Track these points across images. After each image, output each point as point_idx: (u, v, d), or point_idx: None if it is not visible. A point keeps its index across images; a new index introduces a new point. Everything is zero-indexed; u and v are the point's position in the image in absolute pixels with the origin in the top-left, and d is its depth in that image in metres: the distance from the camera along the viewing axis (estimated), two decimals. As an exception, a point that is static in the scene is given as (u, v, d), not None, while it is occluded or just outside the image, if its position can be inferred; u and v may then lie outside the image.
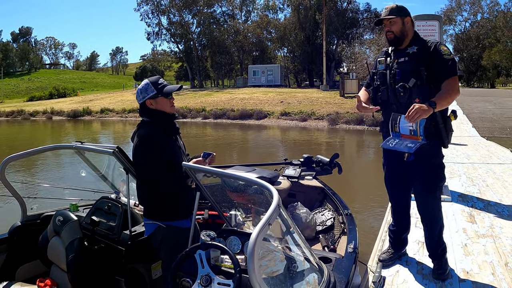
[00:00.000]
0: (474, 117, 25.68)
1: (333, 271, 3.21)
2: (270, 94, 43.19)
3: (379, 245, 5.33)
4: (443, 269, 4.45)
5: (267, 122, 33.35)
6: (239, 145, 23.10)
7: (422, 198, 4.38)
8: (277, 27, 72.09)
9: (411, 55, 4.12)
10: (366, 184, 13.16)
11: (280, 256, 2.90)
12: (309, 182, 5.41)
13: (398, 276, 4.55)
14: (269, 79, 58.88)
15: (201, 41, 74.90)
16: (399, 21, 4.17)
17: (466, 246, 5.33)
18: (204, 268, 2.80)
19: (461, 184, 8.80)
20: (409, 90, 4.02)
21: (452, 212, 6.76)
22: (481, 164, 11.24)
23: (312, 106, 35.48)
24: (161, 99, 3.59)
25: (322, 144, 23.15)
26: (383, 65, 4.32)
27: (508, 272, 4.58)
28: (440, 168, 4.33)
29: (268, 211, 2.27)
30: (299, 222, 4.57)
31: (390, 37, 4.23)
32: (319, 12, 61.35)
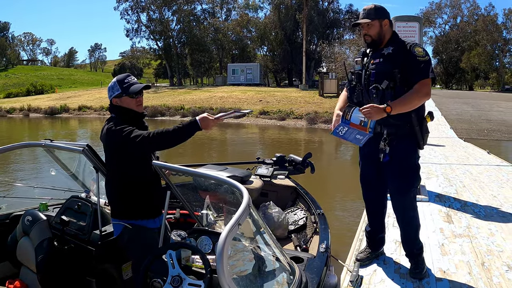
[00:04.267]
0: (452, 118, 25.94)
1: (305, 271, 3.21)
2: (249, 92, 43.16)
3: (356, 245, 5.35)
4: (420, 268, 4.47)
5: (245, 121, 33.21)
6: (216, 143, 23.02)
7: (397, 198, 4.37)
8: (257, 26, 72.07)
9: (386, 56, 4.09)
10: (344, 184, 13.21)
11: (250, 256, 2.90)
12: (281, 181, 5.42)
13: (376, 275, 4.56)
14: (249, 77, 58.79)
15: (181, 38, 74.57)
16: (377, 24, 4.12)
17: (443, 246, 5.37)
18: (174, 269, 2.79)
19: (438, 185, 8.89)
20: (382, 92, 3.99)
21: (430, 212, 6.82)
22: (458, 165, 11.35)
23: (291, 105, 35.50)
24: (125, 98, 3.56)
25: (301, 143, 23.18)
26: (359, 65, 4.29)
27: (484, 271, 4.62)
28: (415, 169, 4.34)
29: (238, 211, 2.27)
30: (271, 221, 4.58)
31: (367, 40, 4.20)
32: (299, 11, 61.33)
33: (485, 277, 4.48)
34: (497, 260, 4.90)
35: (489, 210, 6.95)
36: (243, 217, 2.25)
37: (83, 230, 3.94)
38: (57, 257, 3.76)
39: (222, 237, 2.06)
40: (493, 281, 4.37)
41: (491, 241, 5.50)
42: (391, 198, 4.42)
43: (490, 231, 5.89)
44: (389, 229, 5.42)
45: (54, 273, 3.67)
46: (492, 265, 4.78)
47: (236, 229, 2.16)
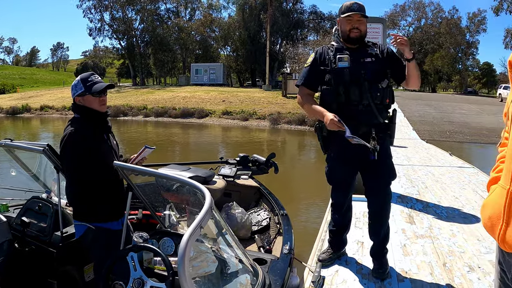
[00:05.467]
0: (414, 120, 26.36)
1: (268, 273, 3.21)
2: (212, 93, 43.06)
3: (318, 245, 5.36)
4: (383, 268, 4.49)
5: (208, 121, 33.21)
6: (179, 143, 22.93)
7: (379, 196, 4.37)
8: (221, 26, 71.98)
9: (376, 56, 4.07)
10: (306, 184, 13.30)
11: (213, 258, 2.89)
12: (245, 182, 5.41)
13: (338, 275, 4.57)
14: (212, 78, 58.71)
15: (144, 38, 73.84)
16: (366, 22, 4.11)
17: (405, 247, 5.44)
18: (136, 271, 2.76)
19: (400, 186, 8.99)
20: (383, 91, 3.99)
21: (392, 213, 6.77)
22: (420, 166, 11.53)
23: (254, 106, 35.58)
24: (88, 97, 3.48)
25: (263, 144, 23.25)
26: (346, 62, 4.04)
27: (446, 272, 4.70)
28: (393, 165, 4.40)
29: (200, 213, 2.25)
30: (234, 222, 4.57)
31: (355, 35, 4.06)
32: (264, 11, 61.46)
33: (447, 278, 4.55)
34: (459, 261, 4.98)
35: (451, 211, 7.08)
36: (205, 220, 2.23)
37: (44, 232, 3.87)
38: (17, 259, 3.70)
39: (184, 240, 2.05)
40: (454, 282, 4.44)
41: (453, 242, 5.60)
42: (372, 196, 4.40)
43: (451, 232, 5.99)
44: (351, 230, 5.46)
45: (15, 276, 3.62)
46: (454, 265, 4.86)
47: (198, 232, 2.14)
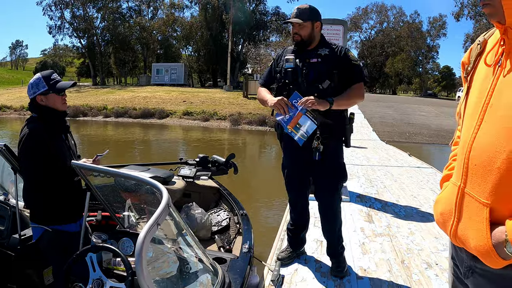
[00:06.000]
0: (375, 121, 26.73)
1: (228, 272, 3.22)
2: (173, 93, 42.83)
3: (278, 244, 5.41)
4: (341, 267, 4.57)
5: (169, 122, 33.03)
6: (140, 144, 22.73)
7: (326, 196, 4.44)
8: (183, 26, 71.63)
9: (324, 57, 4.14)
10: (267, 184, 13.35)
11: (174, 258, 2.88)
12: (204, 182, 5.40)
13: (297, 274, 4.61)
14: (173, 78, 58.36)
15: (105, 36, 72.82)
16: (309, 25, 4.14)
17: (363, 245, 5.53)
18: (95, 272, 2.73)
19: (360, 185, 9.16)
20: (323, 91, 4.04)
21: (350, 212, 7.01)
22: (380, 167, 11.75)
23: (214, 106, 35.52)
24: (52, 96, 3.43)
25: (224, 144, 23.23)
26: (291, 63, 4.23)
27: (404, 269, 4.80)
28: (343, 167, 4.46)
29: (157, 211, 2.22)
30: (194, 222, 4.56)
31: (297, 39, 4.19)
32: (226, 12, 61.39)
33: (405, 275, 4.65)
34: (417, 258, 5.09)
35: (409, 210, 7.24)
36: (162, 217, 2.22)
37: (2, 235, 3.77)
38: None
39: (140, 238, 2.02)
40: (412, 279, 4.54)
41: (411, 240, 5.72)
42: (320, 196, 4.48)
43: (410, 230, 6.12)
44: (310, 229, 5.52)
45: None
46: (412, 263, 4.97)
47: (155, 229, 2.12)
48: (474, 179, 1.65)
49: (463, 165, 1.71)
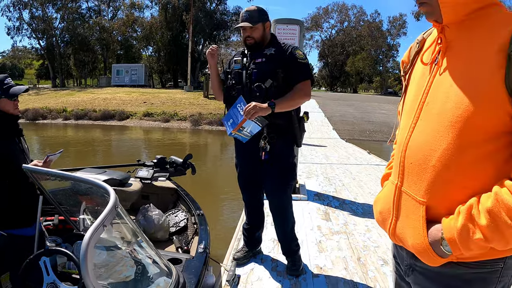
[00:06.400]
0: (335, 120, 26.94)
1: (183, 272, 3.22)
2: (134, 94, 42.43)
3: (235, 244, 5.40)
4: (297, 265, 4.58)
5: (129, 123, 32.71)
6: (99, 147, 22.45)
7: (275, 196, 4.46)
8: (144, 26, 70.98)
9: (269, 56, 4.14)
10: (227, 184, 13.34)
11: (129, 261, 2.87)
12: (162, 183, 5.38)
13: (253, 274, 4.61)
14: (133, 79, 57.73)
15: (64, 37, 71.43)
16: (261, 27, 4.16)
17: (320, 243, 5.55)
18: (49, 276, 2.69)
19: (318, 184, 9.21)
20: (265, 90, 4.04)
21: (308, 211, 7.04)
22: (339, 165, 11.88)
23: (175, 107, 35.37)
24: (4, 101, 3.38)
25: (185, 145, 23.14)
26: (239, 64, 4.28)
27: (360, 266, 4.84)
28: (293, 167, 4.46)
29: (103, 212, 2.20)
30: (151, 224, 4.53)
31: (250, 42, 4.20)
32: (187, 12, 61.10)
33: (361, 272, 4.69)
34: (373, 255, 5.15)
35: (366, 207, 7.32)
36: (109, 218, 2.19)
37: None
38: None
39: (85, 239, 1.99)
40: (368, 275, 4.58)
41: (367, 237, 5.78)
42: (269, 196, 4.49)
43: (366, 227, 6.19)
44: (267, 228, 5.53)
45: None
46: (368, 259, 5.02)
47: (101, 230, 2.10)
48: (410, 178, 1.68)
49: (400, 164, 1.74)
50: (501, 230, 1.37)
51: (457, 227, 1.47)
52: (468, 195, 1.51)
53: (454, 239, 1.48)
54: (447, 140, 1.52)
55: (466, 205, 1.49)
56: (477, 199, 1.47)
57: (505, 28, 1.45)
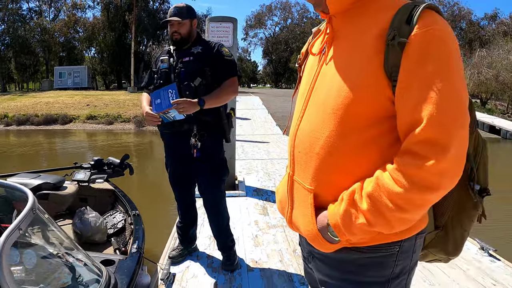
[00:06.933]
0: (278, 116, 27.01)
1: (116, 273, 3.22)
2: (76, 97, 41.54)
3: (171, 243, 5.40)
4: (231, 260, 4.65)
5: (73, 127, 31.95)
6: (41, 152, 21.97)
7: (209, 193, 4.50)
8: (86, 26, 69.63)
9: (196, 55, 4.19)
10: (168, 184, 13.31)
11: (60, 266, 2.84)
12: (100, 185, 5.36)
13: (188, 271, 4.64)
14: (76, 81, 56.52)
15: (4, 40, 69.02)
16: (188, 23, 4.20)
17: (256, 237, 5.63)
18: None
19: (257, 179, 9.30)
20: (195, 89, 4.08)
21: (246, 206, 7.11)
22: (279, 160, 11.96)
23: (118, 109, 34.83)
24: None
25: (130, 147, 22.92)
26: (165, 64, 4.29)
27: (295, 258, 4.94)
28: (224, 163, 4.50)
29: (20, 215, 2.19)
30: (88, 226, 4.50)
31: (176, 38, 4.21)
32: (129, 12, 60.32)
33: (296, 263, 4.79)
34: (308, 247, 5.25)
35: (304, 200, 7.40)
36: (25, 222, 2.17)
37: None
38: None
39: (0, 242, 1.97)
40: (303, 267, 4.67)
41: (304, 229, 5.87)
42: (203, 193, 4.53)
43: (304, 219, 6.27)
44: (204, 226, 5.58)
45: None
46: (303, 251, 5.12)
47: (16, 234, 2.07)
48: (299, 166, 1.70)
49: (290, 153, 1.77)
50: (383, 213, 1.40)
51: (339, 213, 1.50)
52: (353, 181, 1.53)
53: (338, 225, 1.51)
54: (329, 128, 1.54)
55: (349, 191, 1.52)
56: (360, 184, 1.50)
57: (386, 14, 1.47)
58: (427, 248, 1.88)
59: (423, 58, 1.37)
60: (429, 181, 1.33)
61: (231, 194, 7.62)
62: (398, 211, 1.38)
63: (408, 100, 1.39)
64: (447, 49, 1.39)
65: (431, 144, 1.33)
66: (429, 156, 1.32)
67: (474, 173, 1.73)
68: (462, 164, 1.39)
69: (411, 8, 1.43)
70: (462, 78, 1.42)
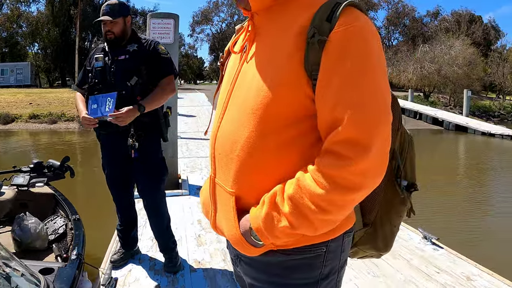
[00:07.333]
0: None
1: (55, 281, 3.16)
2: (19, 95, 40.30)
3: (113, 247, 5.31)
4: (174, 262, 4.62)
5: (14, 127, 30.98)
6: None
7: (148, 194, 4.45)
8: (29, 21, 67.78)
9: (132, 53, 4.14)
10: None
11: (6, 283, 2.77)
12: (40, 190, 5.24)
13: (131, 275, 4.59)
14: (19, 78, 54.97)
15: None
16: (121, 21, 4.14)
17: (199, 237, 5.63)
18: None
19: (201, 177, 9.31)
20: (131, 88, 4.04)
21: (189, 205, 7.10)
22: (224, 156, 11.96)
23: (62, 107, 34.00)
24: None
25: (74, 147, 22.55)
26: (100, 62, 4.20)
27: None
28: (162, 162, 4.48)
29: None
30: (28, 233, 4.39)
31: (110, 37, 4.16)
32: (74, 6, 59.12)
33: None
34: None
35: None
36: None
37: None
38: None
39: None
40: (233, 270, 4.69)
41: (248, 226, 5.90)
42: (142, 195, 4.48)
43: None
44: (146, 227, 5.53)
45: None
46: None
47: None
48: (220, 169, 1.67)
49: (211, 155, 1.73)
50: (306, 216, 1.38)
51: (261, 216, 1.46)
52: (274, 182, 1.50)
53: (260, 229, 1.47)
54: (249, 128, 1.51)
55: (270, 193, 1.48)
56: (282, 186, 1.46)
57: (308, 11, 1.45)
58: (357, 245, 1.88)
59: (343, 56, 1.36)
60: (351, 181, 1.32)
61: (174, 193, 7.61)
62: (321, 213, 1.36)
63: (328, 98, 1.37)
64: (367, 46, 1.38)
65: (352, 144, 1.31)
66: (350, 156, 1.31)
67: (400, 170, 1.75)
68: (384, 163, 1.39)
69: (333, 5, 1.41)
70: (384, 75, 1.42)
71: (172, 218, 4.80)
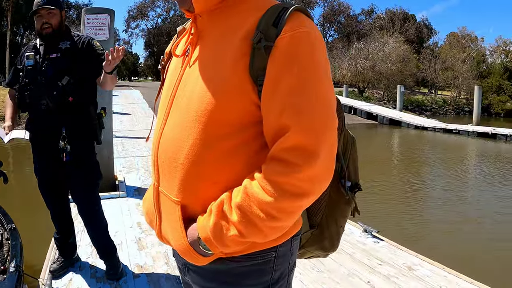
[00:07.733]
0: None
1: None
2: None
3: (51, 256, 5.07)
4: (115, 268, 4.47)
5: None
6: None
7: (81, 199, 4.28)
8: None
9: (64, 51, 3.95)
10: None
11: None
12: None
13: (72, 284, 4.42)
14: None
15: None
16: (59, 13, 3.95)
17: (140, 240, 5.51)
18: None
19: (138, 178, 9.16)
20: (62, 88, 3.85)
21: (127, 207, 6.93)
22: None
23: (-11, 108, 33.00)
24: None
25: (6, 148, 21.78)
26: (31, 60, 3.96)
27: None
28: (97, 165, 4.33)
29: None
30: (-42, 247, 4.23)
31: (47, 31, 3.92)
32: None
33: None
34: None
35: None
36: None
37: None
38: None
39: None
40: (180, 278, 4.64)
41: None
42: (76, 200, 4.31)
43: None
44: (84, 232, 5.38)
45: None
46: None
47: None
48: (164, 177, 1.62)
49: (154, 162, 1.68)
50: (255, 224, 1.35)
51: (209, 226, 1.42)
52: (221, 190, 1.47)
53: (209, 238, 1.43)
54: (193, 136, 1.47)
55: (217, 202, 1.45)
56: (229, 194, 1.43)
57: (254, 15, 1.43)
58: (304, 247, 1.89)
59: (289, 62, 1.35)
60: (299, 188, 1.31)
61: (111, 196, 7.44)
62: (270, 220, 1.34)
63: (275, 105, 1.36)
64: (314, 52, 1.38)
65: (299, 150, 1.30)
66: (298, 163, 1.30)
67: (344, 171, 1.77)
68: (331, 168, 1.39)
69: (279, 10, 1.40)
70: (329, 80, 1.42)
71: (110, 222, 4.67)
